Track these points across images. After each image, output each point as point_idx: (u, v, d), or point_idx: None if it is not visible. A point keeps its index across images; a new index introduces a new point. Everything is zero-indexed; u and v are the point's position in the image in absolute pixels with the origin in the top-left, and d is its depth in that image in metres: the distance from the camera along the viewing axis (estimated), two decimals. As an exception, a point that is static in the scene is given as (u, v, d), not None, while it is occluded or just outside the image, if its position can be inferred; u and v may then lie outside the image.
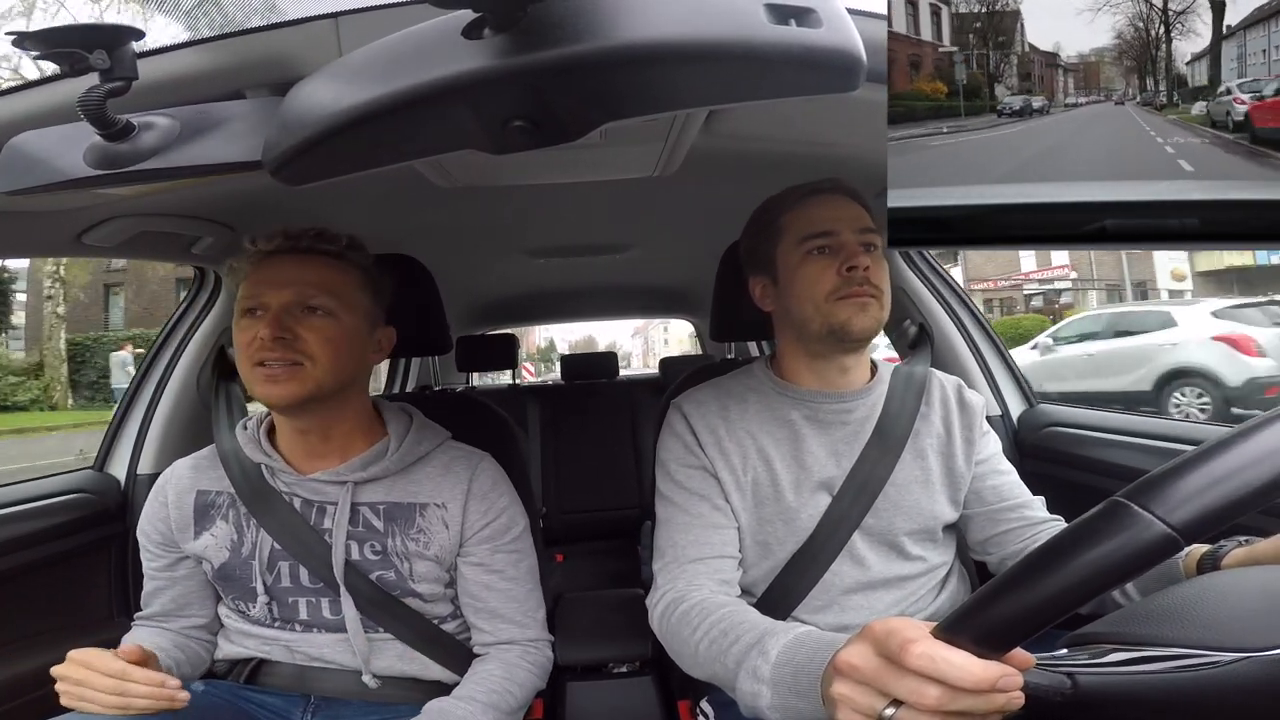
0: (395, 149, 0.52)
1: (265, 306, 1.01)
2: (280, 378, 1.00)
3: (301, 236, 1.05)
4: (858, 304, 1.02)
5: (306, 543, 1.07)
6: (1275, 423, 0.46)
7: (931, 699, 0.50)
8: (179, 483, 1.14)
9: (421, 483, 1.11)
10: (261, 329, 0.99)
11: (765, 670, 0.75)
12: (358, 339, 1.07)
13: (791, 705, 0.71)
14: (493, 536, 1.12)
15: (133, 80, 0.55)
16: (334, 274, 1.05)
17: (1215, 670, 0.48)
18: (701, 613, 0.92)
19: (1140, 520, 0.45)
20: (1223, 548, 0.79)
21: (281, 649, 1.10)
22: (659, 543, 1.08)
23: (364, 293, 1.09)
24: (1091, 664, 0.51)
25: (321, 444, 1.10)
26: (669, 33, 0.43)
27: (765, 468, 1.08)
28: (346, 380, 1.07)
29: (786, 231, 1.08)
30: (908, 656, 0.51)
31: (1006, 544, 1.11)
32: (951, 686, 0.49)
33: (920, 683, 0.51)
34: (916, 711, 0.51)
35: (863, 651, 0.56)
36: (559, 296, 3.14)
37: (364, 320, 1.09)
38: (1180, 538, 0.44)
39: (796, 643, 0.75)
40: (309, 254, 1.04)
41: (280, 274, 1.03)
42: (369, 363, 1.13)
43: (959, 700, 0.50)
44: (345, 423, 1.11)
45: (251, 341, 1.00)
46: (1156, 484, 0.46)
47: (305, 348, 1.01)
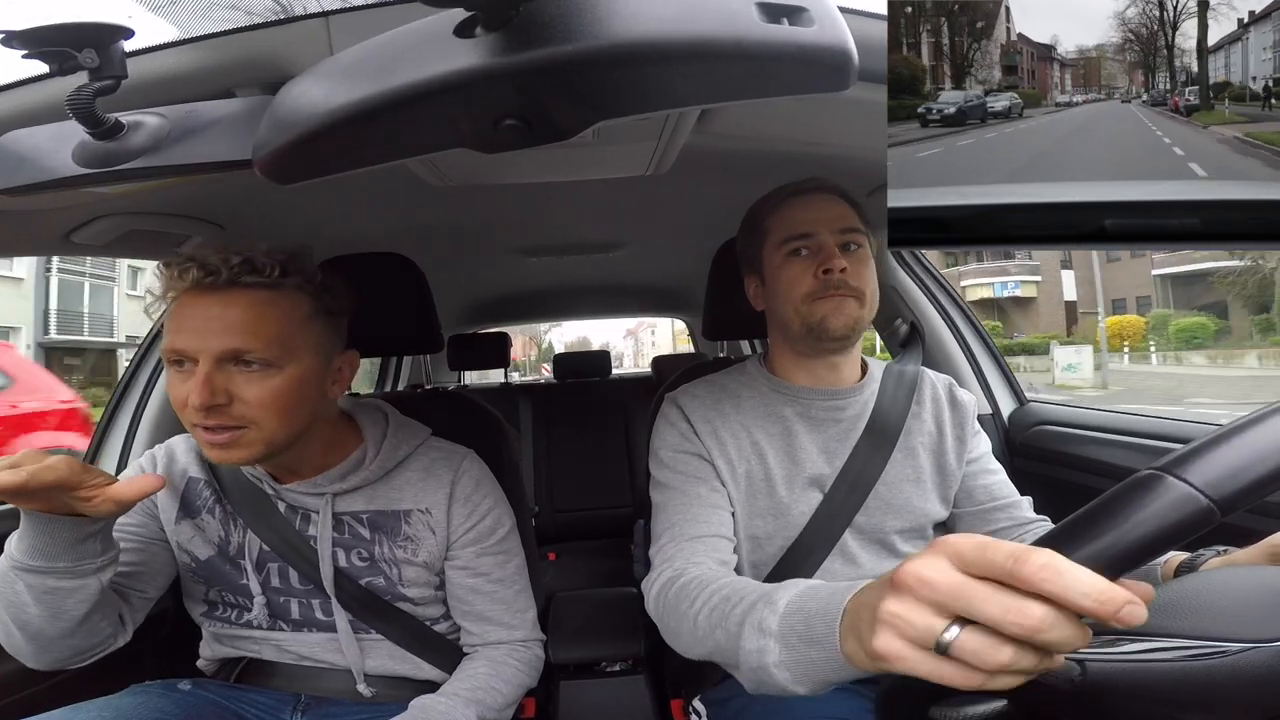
0: (386, 147, 0.52)
1: (191, 360, 0.88)
2: (224, 443, 0.89)
3: (222, 268, 0.87)
4: (834, 304, 1.02)
5: (295, 546, 1.06)
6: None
7: (1035, 619, 0.42)
8: (176, 460, 1.12)
9: (403, 488, 1.09)
10: (191, 394, 0.86)
11: (773, 622, 0.67)
12: (309, 384, 0.94)
13: (803, 656, 0.63)
14: (478, 539, 1.11)
15: (122, 79, 0.55)
16: (271, 311, 0.89)
17: (1224, 660, 0.48)
18: (700, 584, 0.87)
19: (1176, 491, 0.45)
20: (1200, 556, 0.79)
21: (272, 648, 1.09)
22: (655, 528, 1.07)
23: (312, 325, 0.94)
24: (1101, 652, 0.51)
25: (297, 463, 1.04)
26: (661, 31, 0.43)
27: (759, 460, 1.08)
28: (302, 429, 0.96)
29: (770, 232, 1.08)
30: (1025, 566, 0.43)
31: None
32: (1064, 607, 0.43)
33: (1022, 601, 0.43)
34: (991, 637, 0.44)
35: (938, 565, 0.47)
36: (551, 295, 3.14)
37: (314, 358, 0.95)
38: (1218, 509, 0.44)
39: (809, 591, 0.67)
40: (235, 289, 0.88)
41: (204, 318, 0.87)
42: (330, 398, 1.02)
43: (1060, 627, 0.43)
44: (313, 448, 1.04)
45: (184, 403, 0.88)
46: (1192, 456, 0.46)
47: (245, 410, 0.88)
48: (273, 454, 0.94)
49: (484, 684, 1.05)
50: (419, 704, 0.99)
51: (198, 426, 0.89)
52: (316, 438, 1.03)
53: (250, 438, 0.90)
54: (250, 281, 0.89)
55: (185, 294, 0.89)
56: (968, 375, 1.72)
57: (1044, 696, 0.51)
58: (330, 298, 0.98)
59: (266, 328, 0.88)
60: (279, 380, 0.89)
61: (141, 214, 1.21)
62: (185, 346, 0.87)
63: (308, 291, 0.94)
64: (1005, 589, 0.44)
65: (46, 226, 1.12)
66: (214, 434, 0.89)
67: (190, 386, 0.86)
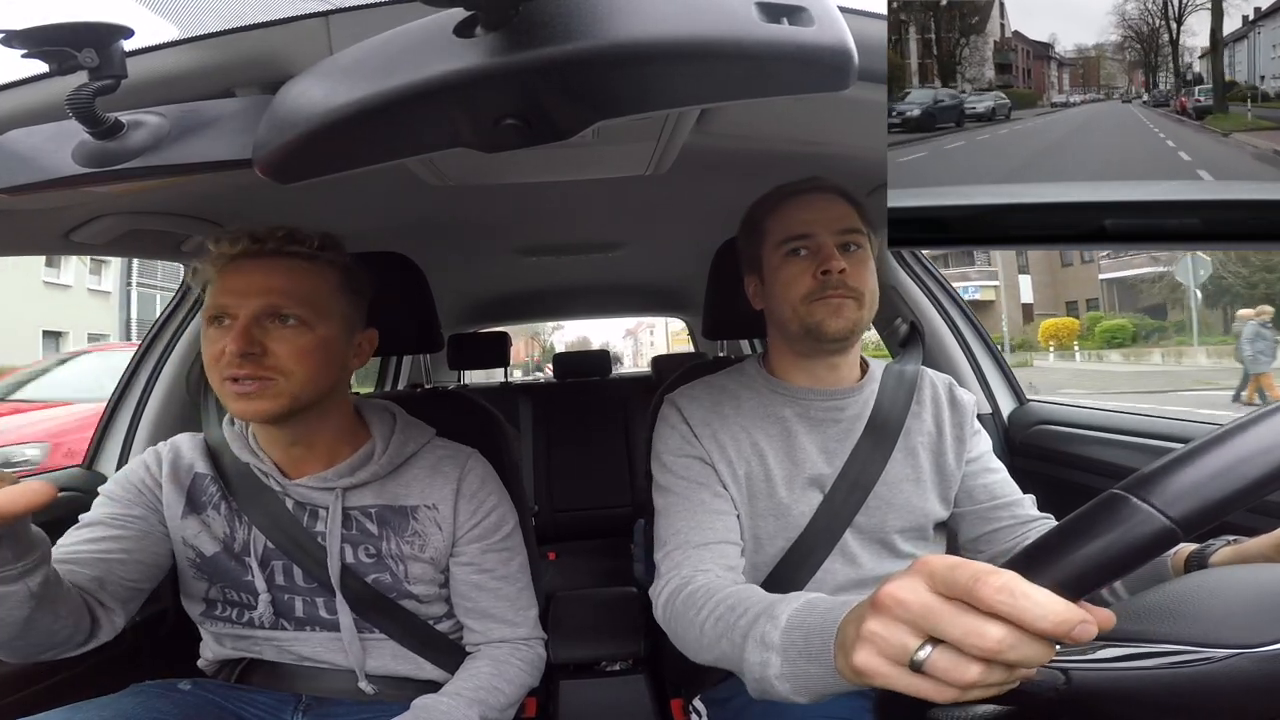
0: (386, 147, 0.52)
1: (232, 316, 0.96)
2: (252, 394, 0.95)
3: (269, 238, 0.98)
4: (833, 305, 1.02)
5: (301, 543, 1.06)
6: (1272, 416, 0.46)
7: (992, 640, 0.44)
8: (182, 456, 1.12)
9: (410, 485, 1.11)
10: (228, 342, 0.93)
11: (775, 636, 0.70)
12: (335, 347, 1.02)
13: (802, 671, 0.66)
14: (482, 536, 1.12)
15: (122, 78, 0.54)
16: (307, 279, 0.99)
17: (1210, 666, 0.48)
18: (707, 592, 0.89)
19: (1139, 512, 0.45)
20: (1210, 546, 0.79)
21: (274, 648, 1.09)
22: (659, 533, 1.06)
23: (341, 296, 1.04)
24: (1086, 660, 0.51)
25: (306, 452, 1.08)
26: (661, 31, 0.43)
27: (759, 462, 1.08)
28: (324, 391, 1.02)
29: (769, 232, 1.08)
30: (983, 588, 0.44)
31: (997, 542, 1.11)
32: (1021, 628, 0.44)
33: (981, 622, 0.45)
34: (959, 656, 0.46)
35: (913, 586, 0.48)
36: (551, 295, 3.14)
37: (341, 326, 1.03)
38: (1179, 530, 0.44)
39: (809, 606, 0.70)
40: (278, 257, 0.98)
41: (247, 280, 0.96)
42: (349, 369, 1.09)
43: (1021, 647, 0.44)
44: (328, 430, 1.08)
45: (219, 356, 0.95)
46: (1155, 476, 0.46)
47: (276, 362, 0.95)
48: (295, 410, 0.98)
49: (487, 684, 1.05)
50: (421, 704, 0.99)
51: (226, 380, 0.95)
52: (331, 420, 1.08)
53: (277, 388, 0.96)
54: (292, 250, 0.99)
55: (232, 260, 0.97)
56: (968, 375, 1.72)
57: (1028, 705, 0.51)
58: (357, 278, 1.07)
59: (302, 291, 0.98)
60: (309, 338, 0.98)
61: (141, 213, 1.22)
62: (229, 303, 0.96)
63: (338, 267, 1.04)
64: (970, 610, 0.46)
65: (46, 226, 1.12)
66: (241, 385, 0.94)
67: (228, 338, 0.94)
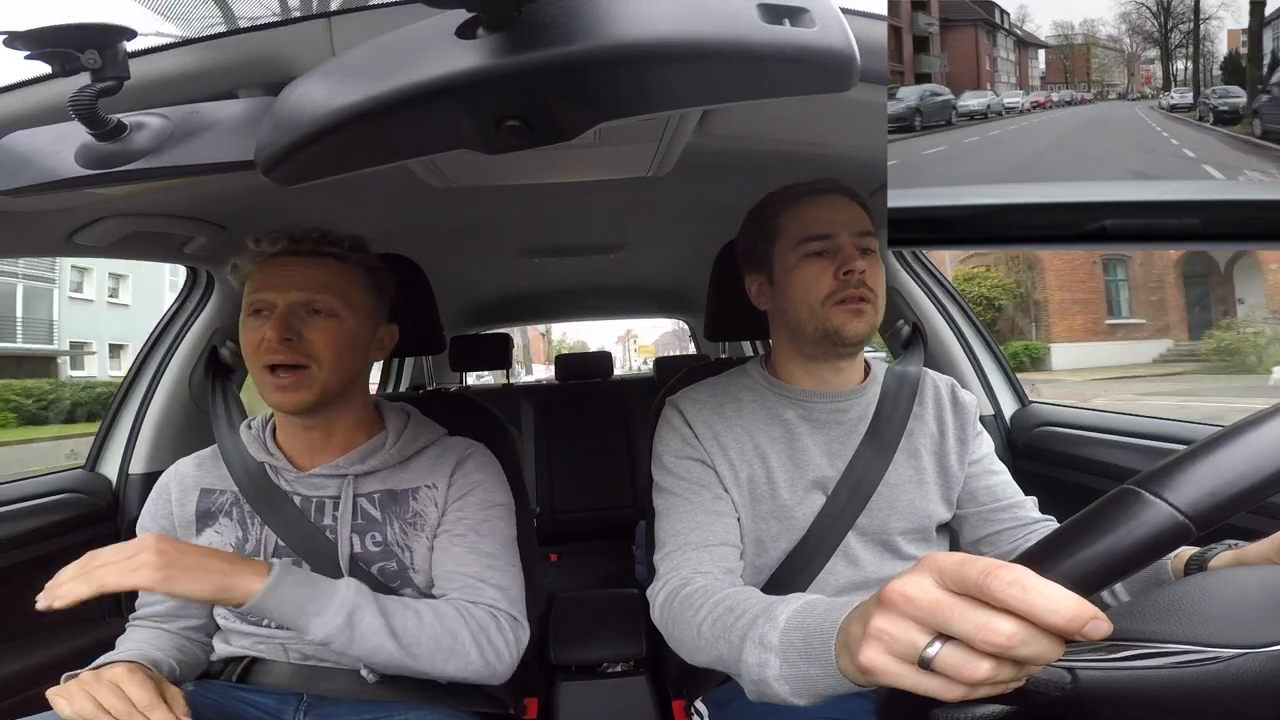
0: (388, 148, 0.52)
1: (271, 308, 1.04)
2: (289, 387, 1.03)
3: (305, 239, 1.07)
4: (853, 309, 1.01)
5: (310, 539, 1.08)
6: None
7: (1003, 635, 0.43)
8: (183, 480, 1.16)
9: (415, 470, 1.14)
10: (268, 330, 1.02)
11: (773, 637, 0.70)
12: (361, 339, 1.10)
13: (802, 672, 0.66)
14: (465, 508, 1.13)
15: (125, 80, 0.55)
16: (338, 275, 1.07)
17: (1216, 666, 0.48)
18: (705, 594, 0.89)
19: (1152, 508, 0.45)
20: (1211, 550, 0.79)
21: (276, 647, 1.09)
22: (659, 534, 1.06)
23: (368, 293, 1.12)
24: (1092, 659, 0.51)
25: (324, 440, 1.13)
26: (663, 32, 0.43)
27: (761, 465, 1.07)
28: (350, 380, 1.11)
29: (784, 231, 1.07)
30: (994, 582, 0.44)
31: (999, 544, 1.11)
32: (1032, 623, 0.43)
33: (992, 616, 0.44)
34: (969, 652, 0.45)
35: (922, 582, 0.48)
36: (553, 296, 3.14)
37: (367, 320, 1.12)
38: (1193, 525, 0.44)
39: (808, 607, 0.70)
40: (313, 255, 1.07)
41: (285, 276, 1.05)
42: (371, 360, 1.17)
43: (1032, 642, 0.44)
44: (347, 420, 1.14)
45: (259, 343, 1.03)
46: (1168, 471, 0.46)
47: (310, 349, 1.04)
48: (325, 400, 1.07)
49: (414, 606, 1.00)
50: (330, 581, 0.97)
51: (265, 370, 1.03)
52: (352, 409, 1.14)
53: (310, 378, 1.04)
54: (326, 250, 1.07)
55: (272, 258, 1.06)
56: (970, 376, 1.72)
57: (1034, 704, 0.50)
58: (382, 277, 1.15)
59: (334, 287, 1.06)
60: (339, 329, 1.06)
61: (144, 215, 1.22)
62: (270, 296, 1.04)
63: (366, 267, 1.12)
64: (980, 605, 0.45)
65: (49, 228, 1.12)
66: (279, 377, 1.03)
67: (267, 325, 1.02)
